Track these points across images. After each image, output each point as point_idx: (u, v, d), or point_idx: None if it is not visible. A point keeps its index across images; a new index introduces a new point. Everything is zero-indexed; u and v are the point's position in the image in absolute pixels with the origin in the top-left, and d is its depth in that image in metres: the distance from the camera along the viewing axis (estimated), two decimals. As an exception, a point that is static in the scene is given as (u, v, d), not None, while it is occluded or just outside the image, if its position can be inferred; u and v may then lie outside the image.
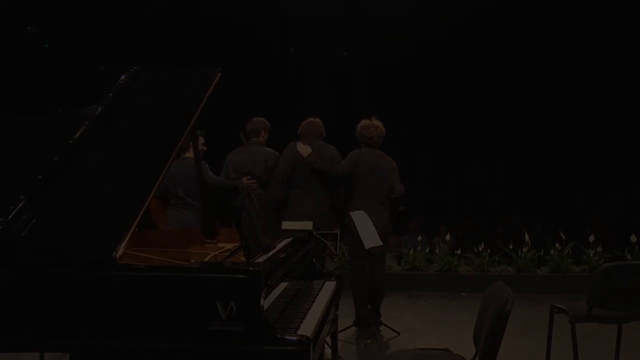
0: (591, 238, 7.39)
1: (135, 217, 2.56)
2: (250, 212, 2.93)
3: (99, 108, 3.11)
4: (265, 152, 5.57)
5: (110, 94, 3.19)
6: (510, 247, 7.57)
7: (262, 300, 2.34)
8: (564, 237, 7.45)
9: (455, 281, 7.35)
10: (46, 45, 10.33)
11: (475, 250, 7.66)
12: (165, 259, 2.95)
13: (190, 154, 5.14)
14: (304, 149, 5.39)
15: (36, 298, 2.43)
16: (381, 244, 5.14)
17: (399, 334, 5.38)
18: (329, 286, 3.47)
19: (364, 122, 5.56)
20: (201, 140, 5.18)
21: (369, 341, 5.15)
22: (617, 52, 10.40)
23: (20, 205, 2.65)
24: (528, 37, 10.52)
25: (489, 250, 7.59)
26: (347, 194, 5.48)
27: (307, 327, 2.61)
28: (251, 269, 2.44)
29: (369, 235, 5.04)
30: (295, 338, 2.37)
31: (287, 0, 10.08)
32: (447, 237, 7.99)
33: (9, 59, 9.35)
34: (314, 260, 3.74)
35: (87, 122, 3.02)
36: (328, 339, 3.73)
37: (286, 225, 4.10)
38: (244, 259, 2.76)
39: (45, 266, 2.46)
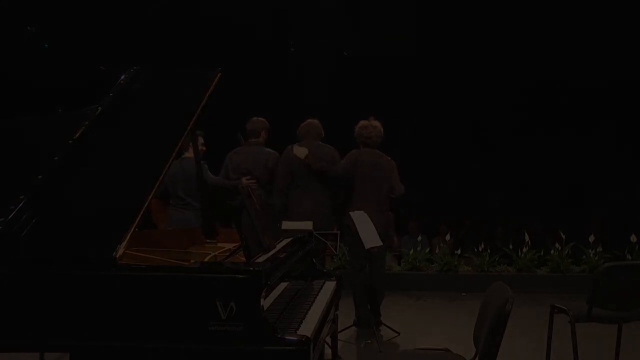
0: (591, 238, 7.39)
1: (135, 217, 2.56)
2: (250, 212, 2.93)
3: (99, 108, 3.11)
4: (265, 153, 5.56)
5: (110, 94, 3.19)
6: (510, 247, 7.57)
7: (262, 300, 2.34)
8: (564, 237, 7.45)
9: (455, 281, 7.35)
10: (46, 45, 10.34)
11: (475, 250, 7.66)
12: (165, 259, 2.95)
13: (189, 153, 5.13)
14: (300, 152, 5.39)
15: (36, 298, 2.43)
16: (381, 244, 5.14)
17: (399, 334, 5.38)
18: (329, 286, 3.47)
19: (362, 122, 5.58)
20: (200, 140, 5.18)
21: (369, 341, 5.14)
22: (617, 52, 10.40)
23: (20, 205, 2.65)
24: (528, 36, 10.52)
25: (489, 250, 7.60)
26: (347, 194, 5.48)
27: (307, 327, 2.61)
28: (251, 269, 2.44)
29: (369, 235, 5.04)
30: (295, 338, 2.37)
31: (287, 0, 10.08)
32: (447, 237, 7.99)
33: (9, 59, 9.35)
34: (314, 260, 3.74)
35: (87, 122, 3.02)
36: (328, 339, 3.73)
37: (286, 225, 4.11)
38: (244, 259, 2.76)
39: (45, 266, 2.46)
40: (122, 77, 3.28)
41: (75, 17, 9.74)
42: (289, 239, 3.44)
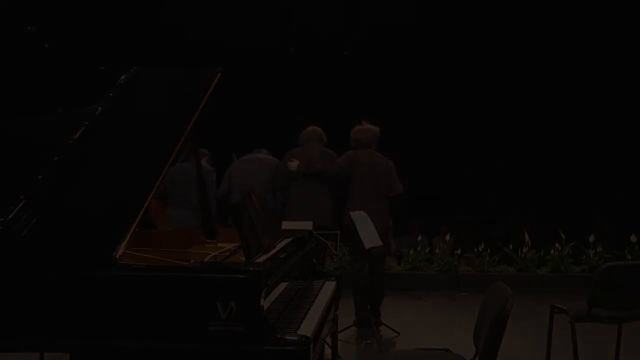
0: (591, 238, 7.40)
1: (135, 217, 2.56)
2: (250, 212, 2.93)
3: (99, 108, 3.11)
4: (267, 169, 5.62)
5: (110, 94, 3.19)
6: (510, 247, 7.57)
7: (262, 300, 2.34)
8: (564, 237, 7.45)
9: (455, 281, 7.36)
10: (46, 45, 10.34)
11: (475, 250, 7.66)
12: (165, 259, 2.95)
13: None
14: (292, 165, 5.54)
15: (36, 298, 2.42)
16: (381, 243, 5.16)
17: (399, 334, 5.38)
18: (329, 286, 3.47)
19: (356, 127, 5.66)
20: (206, 158, 5.21)
21: (369, 341, 5.15)
22: (617, 52, 10.40)
23: (20, 205, 2.65)
24: (528, 35, 10.52)
25: (489, 250, 7.60)
26: (346, 194, 5.50)
27: (307, 327, 2.61)
28: (251, 269, 2.44)
29: (369, 235, 5.05)
30: (295, 338, 2.37)
31: (287, 1, 10.08)
32: (447, 237, 7.99)
33: (9, 59, 9.36)
34: (314, 260, 3.74)
35: (87, 122, 3.02)
36: (328, 339, 3.73)
37: (286, 225, 4.10)
38: (244, 259, 2.76)
39: (45, 266, 2.45)
40: (122, 77, 3.28)
41: (75, 17, 9.74)
42: (289, 239, 3.44)
